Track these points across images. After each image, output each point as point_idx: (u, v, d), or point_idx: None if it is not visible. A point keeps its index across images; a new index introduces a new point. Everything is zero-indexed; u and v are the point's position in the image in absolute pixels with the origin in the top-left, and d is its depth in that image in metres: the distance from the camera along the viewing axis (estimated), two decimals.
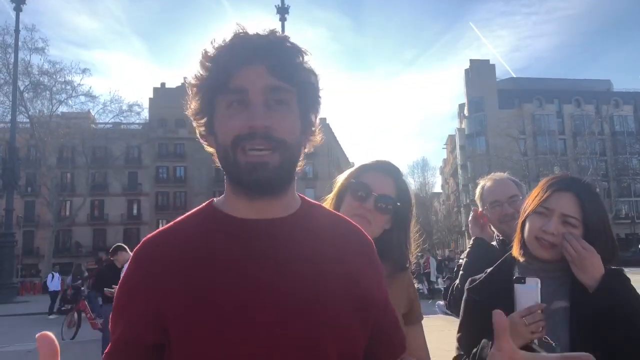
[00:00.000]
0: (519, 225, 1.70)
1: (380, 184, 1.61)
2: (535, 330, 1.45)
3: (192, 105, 0.98)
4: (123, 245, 8.58)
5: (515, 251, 1.69)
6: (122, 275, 0.96)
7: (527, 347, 1.46)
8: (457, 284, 2.49)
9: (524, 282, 1.51)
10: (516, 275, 1.63)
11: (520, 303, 1.50)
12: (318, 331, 0.89)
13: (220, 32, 0.95)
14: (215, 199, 1.03)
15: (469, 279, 1.81)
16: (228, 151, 0.92)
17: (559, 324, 1.54)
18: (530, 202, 1.68)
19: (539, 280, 1.50)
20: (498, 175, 2.63)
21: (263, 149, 0.90)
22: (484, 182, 2.61)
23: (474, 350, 1.57)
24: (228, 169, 0.94)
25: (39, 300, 22.35)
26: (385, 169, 1.67)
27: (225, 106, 0.93)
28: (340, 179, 1.71)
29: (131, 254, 0.96)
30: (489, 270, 1.77)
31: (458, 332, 1.75)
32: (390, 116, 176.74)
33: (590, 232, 1.58)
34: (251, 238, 0.93)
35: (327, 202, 1.71)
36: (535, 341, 1.47)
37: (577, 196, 1.60)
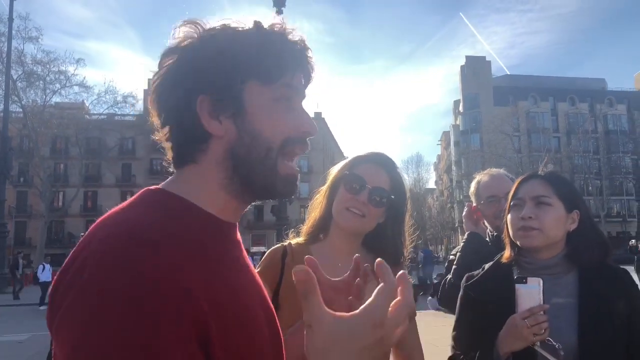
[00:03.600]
0: (505, 232, 1.69)
1: (374, 176, 1.58)
2: (538, 332, 1.40)
3: (208, 70, 0.80)
4: None
5: (507, 255, 1.65)
6: None
7: (530, 350, 1.43)
8: (450, 278, 2.47)
9: (525, 282, 1.44)
10: (516, 274, 1.56)
11: (522, 304, 1.43)
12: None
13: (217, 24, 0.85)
14: (169, 189, 0.87)
15: (466, 275, 1.77)
16: (271, 152, 0.81)
17: (564, 322, 1.48)
18: (507, 206, 1.70)
19: (541, 280, 1.43)
20: (494, 170, 2.60)
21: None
22: (479, 177, 2.58)
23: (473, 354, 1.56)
24: (259, 171, 0.82)
25: (31, 290, 22.14)
26: (380, 161, 1.64)
27: (271, 99, 0.82)
28: (334, 170, 1.68)
29: None
30: (486, 266, 1.73)
31: (454, 330, 1.71)
32: (384, 111, 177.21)
33: (568, 204, 1.60)
34: (231, 242, 0.87)
35: (321, 195, 1.69)
36: (538, 343, 1.42)
37: (543, 178, 1.63)
